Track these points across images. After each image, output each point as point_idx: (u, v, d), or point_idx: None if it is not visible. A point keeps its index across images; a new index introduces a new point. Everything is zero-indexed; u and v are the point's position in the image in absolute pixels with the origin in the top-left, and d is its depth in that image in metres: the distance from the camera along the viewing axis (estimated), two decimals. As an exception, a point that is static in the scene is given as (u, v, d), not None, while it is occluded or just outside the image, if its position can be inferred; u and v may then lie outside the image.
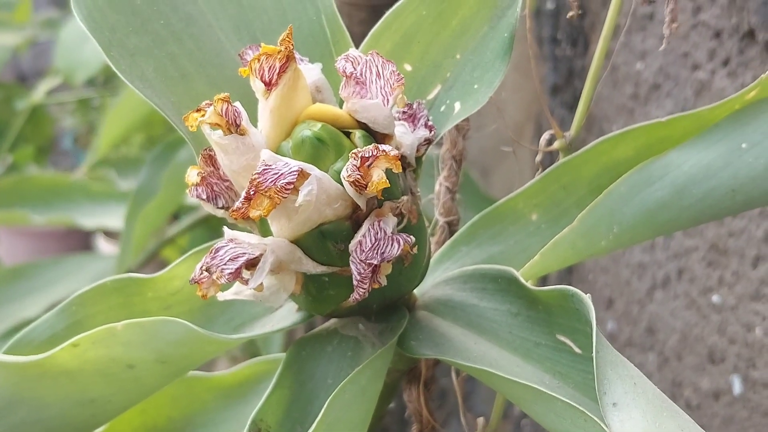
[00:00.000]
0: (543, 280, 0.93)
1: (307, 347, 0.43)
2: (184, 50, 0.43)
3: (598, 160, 0.46)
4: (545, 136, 0.49)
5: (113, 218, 1.26)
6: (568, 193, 0.47)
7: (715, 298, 0.79)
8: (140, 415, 0.54)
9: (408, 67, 0.44)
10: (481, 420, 0.48)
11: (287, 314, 0.44)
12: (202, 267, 0.38)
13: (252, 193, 0.36)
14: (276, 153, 0.38)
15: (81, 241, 2.03)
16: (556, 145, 0.49)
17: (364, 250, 0.37)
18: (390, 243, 0.38)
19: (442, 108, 0.43)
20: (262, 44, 0.38)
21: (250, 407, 0.51)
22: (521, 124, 1.14)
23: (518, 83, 1.21)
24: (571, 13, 0.49)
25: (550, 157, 0.52)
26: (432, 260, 0.48)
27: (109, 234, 1.77)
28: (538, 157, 0.49)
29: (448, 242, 0.47)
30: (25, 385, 0.43)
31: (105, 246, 1.88)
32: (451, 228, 0.49)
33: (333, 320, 0.44)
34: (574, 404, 0.34)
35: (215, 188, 0.40)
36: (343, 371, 0.40)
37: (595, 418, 0.34)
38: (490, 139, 1.34)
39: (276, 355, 0.53)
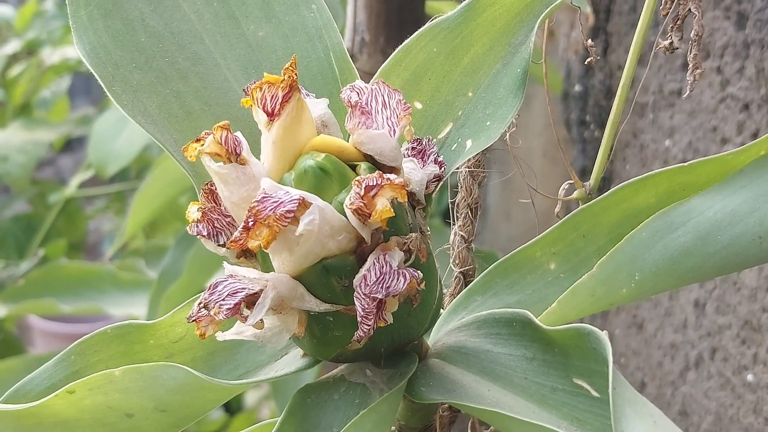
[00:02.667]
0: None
1: (313, 395, 0.41)
2: (190, 88, 0.43)
3: (618, 208, 0.45)
4: (564, 185, 0.47)
5: (142, 307, 1.25)
6: (588, 242, 0.45)
7: (749, 376, 0.77)
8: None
9: (418, 105, 0.43)
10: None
11: (292, 360, 0.42)
12: (200, 303, 0.37)
13: (251, 222, 0.35)
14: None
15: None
16: (575, 194, 0.47)
17: (368, 284, 0.36)
18: (396, 277, 0.36)
19: (454, 146, 0.42)
20: (265, 74, 0.37)
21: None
22: (548, 209, 1.14)
23: (546, 170, 1.21)
24: (589, 59, 0.47)
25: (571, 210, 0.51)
26: (446, 311, 0.46)
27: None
28: (557, 208, 0.48)
29: (463, 292, 0.45)
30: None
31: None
32: (467, 279, 0.47)
33: (340, 367, 0.42)
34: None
35: (216, 224, 0.39)
36: (350, 419, 0.38)
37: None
38: (518, 227, 1.33)
39: (271, 422, 0.52)
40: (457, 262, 0.48)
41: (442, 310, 0.46)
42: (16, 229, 1.78)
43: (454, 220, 0.48)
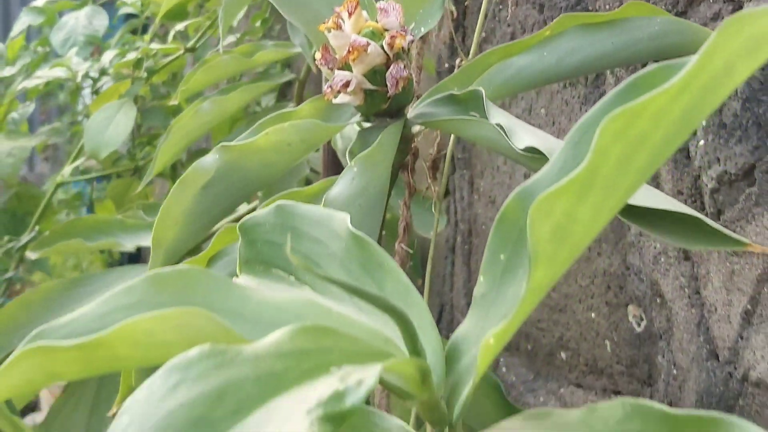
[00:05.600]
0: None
1: (366, 130, 0.97)
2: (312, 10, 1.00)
3: (483, 63, 1.03)
4: (458, 61, 1.07)
5: (146, 239, 1.73)
6: (470, 77, 1.03)
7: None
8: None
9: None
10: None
11: (355, 117, 0.99)
12: (328, 85, 0.93)
13: (350, 50, 0.92)
14: (355, 39, 0.94)
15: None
16: (464, 63, 1.06)
17: (392, 74, 0.93)
18: (402, 70, 0.93)
19: (416, 31, 1.00)
20: (346, -2, 0.95)
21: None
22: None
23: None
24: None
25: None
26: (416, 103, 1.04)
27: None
28: (456, 71, 1.06)
29: (421, 98, 1.03)
30: (238, 159, 0.96)
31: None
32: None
33: (376, 120, 0.99)
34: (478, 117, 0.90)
35: (327, 59, 0.95)
36: (381, 135, 0.94)
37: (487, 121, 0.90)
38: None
39: (333, 177, 1.07)
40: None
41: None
42: (4, 218, 2.25)
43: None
